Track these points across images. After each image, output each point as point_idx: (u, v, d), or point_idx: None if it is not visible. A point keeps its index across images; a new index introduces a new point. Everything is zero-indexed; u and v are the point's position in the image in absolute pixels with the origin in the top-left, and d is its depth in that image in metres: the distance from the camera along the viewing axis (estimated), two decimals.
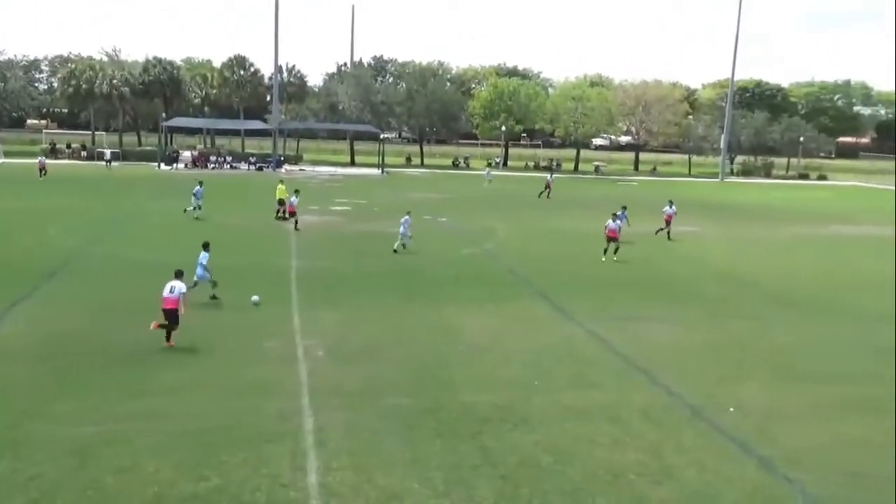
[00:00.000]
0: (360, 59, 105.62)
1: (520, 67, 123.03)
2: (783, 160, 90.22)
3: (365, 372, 15.45)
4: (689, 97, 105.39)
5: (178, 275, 16.88)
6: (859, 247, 35.60)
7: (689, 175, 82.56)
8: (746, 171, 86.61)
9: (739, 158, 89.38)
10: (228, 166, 68.93)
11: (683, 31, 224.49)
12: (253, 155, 73.80)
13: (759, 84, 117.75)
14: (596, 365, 16.62)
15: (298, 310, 19.99)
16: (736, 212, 48.59)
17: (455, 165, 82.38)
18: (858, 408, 14.54)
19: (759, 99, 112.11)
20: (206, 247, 20.08)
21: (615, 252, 28.83)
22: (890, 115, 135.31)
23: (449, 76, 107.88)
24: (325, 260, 27.11)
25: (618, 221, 29.25)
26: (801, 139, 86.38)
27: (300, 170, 69.62)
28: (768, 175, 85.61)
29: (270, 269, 25.06)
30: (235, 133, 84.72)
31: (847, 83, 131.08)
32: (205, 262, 19.81)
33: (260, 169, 68.17)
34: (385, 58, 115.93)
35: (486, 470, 11.43)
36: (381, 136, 75.12)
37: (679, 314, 21.30)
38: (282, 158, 72.11)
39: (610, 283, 25.02)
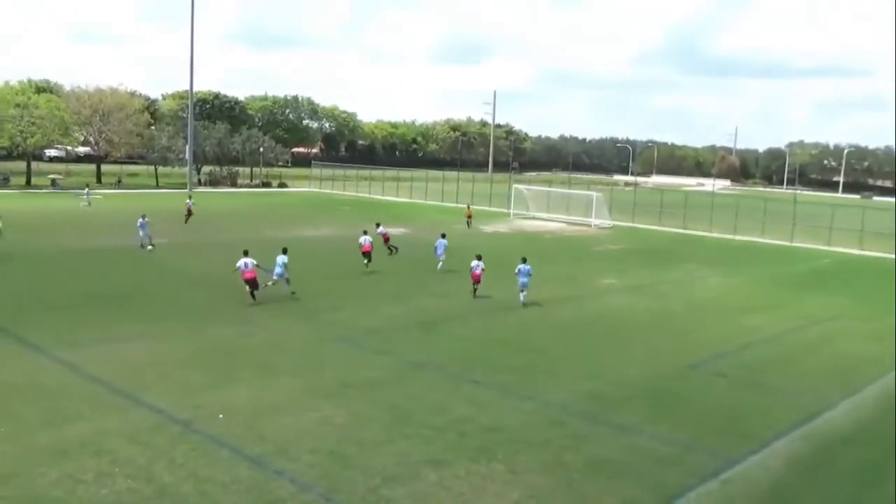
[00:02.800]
0: None
1: None
2: (247, 169, 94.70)
3: None
4: (150, 107, 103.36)
5: (246, 253, 24.04)
6: (329, 246, 39.12)
7: (158, 186, 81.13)
8: (214, 181, 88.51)
9: (206, 169, 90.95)
10: None
11: (140, 41, 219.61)
12: None
13: (217, 96, 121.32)
14: (71, 397, 15.20)
15: None
16: (215, 219, 49.22)
17: None
18: (326, 393, 16.06)
19: (219, 111, 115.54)
20: (284, 251, 25.26)
21: (367, 264, 31.11)
22: (333, 128, 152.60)
23: None
24: None
25: (368, 237, 31.66)
26: (261, 149, 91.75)
27: None
28: (234, 184, 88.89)
29: None
30: None
31: (296, 98, 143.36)
32: (283, 263, 24.78)
33: None
34: None
35: None
36: None
37: (158, 328, 20.76)
38: None
39: (80, 304, 23.15)
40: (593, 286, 31.13)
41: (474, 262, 26.96)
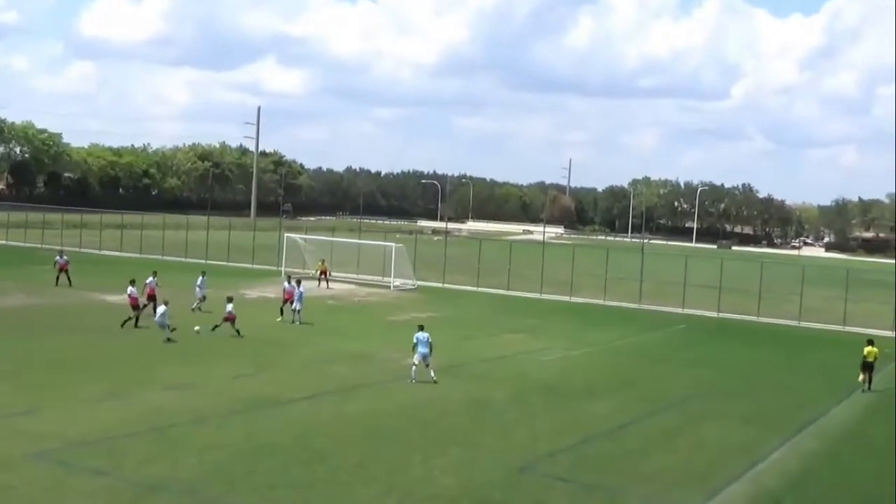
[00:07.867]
0: None
1: None
2: None
3: None
4: None
5: (155, 273, 40.59)
6: (14, 322, 36.66)
7: None
8: None
9: None
10: None
11: None
12: None
13: None
14: None
15: None
16: None
17: None
18: None
19: None
20: (422, 328, 29.92)
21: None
22: (27, 155, 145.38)
23: None
24: None
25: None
26: None
27: None
28: None
29: None
30: None
31: None
32: (425, 342, 29.24)
33: None
34: None
35: None
36: None
37: None
38: None
39: None
40: (395, 368, 31.43)
41: (229, 306, 34.87)
